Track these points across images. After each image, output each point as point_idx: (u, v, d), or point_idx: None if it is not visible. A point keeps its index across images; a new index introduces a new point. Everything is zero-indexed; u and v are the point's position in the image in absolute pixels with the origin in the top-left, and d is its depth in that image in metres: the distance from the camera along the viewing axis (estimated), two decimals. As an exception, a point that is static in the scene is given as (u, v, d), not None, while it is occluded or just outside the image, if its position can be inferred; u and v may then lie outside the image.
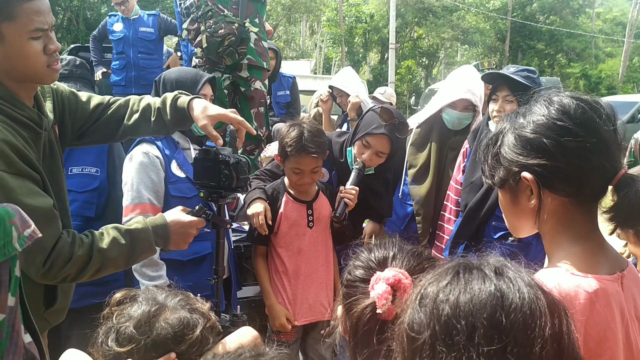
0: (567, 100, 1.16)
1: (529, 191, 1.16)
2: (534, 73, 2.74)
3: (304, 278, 2.72)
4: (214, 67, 3.85)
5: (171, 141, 2.57)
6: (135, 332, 1.21)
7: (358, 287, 1.14)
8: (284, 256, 2.72)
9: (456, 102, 3.09)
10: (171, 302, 1.29)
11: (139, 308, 1.27)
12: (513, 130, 1.19)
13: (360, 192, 2.80)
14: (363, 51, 37.27)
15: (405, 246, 1.20)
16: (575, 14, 36.88)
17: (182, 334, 1.23)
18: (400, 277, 1.07)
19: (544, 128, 1.14)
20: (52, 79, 1.67)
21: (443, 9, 33.42)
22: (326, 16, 35.35)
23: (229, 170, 1.99)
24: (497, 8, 34.42)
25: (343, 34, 33.86)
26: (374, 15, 35.08)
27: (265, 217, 2.62)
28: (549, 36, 35.31)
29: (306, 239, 2.70)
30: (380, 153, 2.71)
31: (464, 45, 36.97)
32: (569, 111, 1.14)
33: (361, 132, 2.72)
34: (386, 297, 1.04)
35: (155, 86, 2.63)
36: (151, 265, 2.42)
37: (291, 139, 2.57)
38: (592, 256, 1.13)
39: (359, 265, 1.18)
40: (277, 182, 2.83)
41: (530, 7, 36.20)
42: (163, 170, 2.47)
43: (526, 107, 1.21)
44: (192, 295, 1.35)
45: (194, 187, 2.51)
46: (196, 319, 1.26)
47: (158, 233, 1.79)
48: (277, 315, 2.66)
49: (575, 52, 35.97)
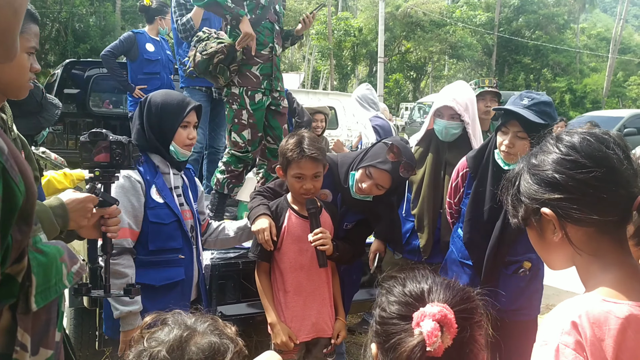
0: (575, 137, 1.23)
1: (552, 226, 1.20)
2: (550, 106, 2.58)
3: (307, 295, 2.72)
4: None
5: (152, 165, 2.52)
6: (169, 357, 1.21)
7: (397, 324, 1.12)
8: (286, 272, 2.72)
9: (442, 111, 3.13)
10: (201, 327, 1.28)
11: (171, 332, 1.26)
12: (528, 170, 1.26)
13: (360, 213, 2.83)
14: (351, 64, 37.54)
15: (437, 278, 1.20)
16: (560, 30, 37.52)
17: (212, 359, 1.24)
18: (446, 313, 1.07)
19: (555, 164, 1.21)
20: (24, 94, 1.75)
21: (431, 24, 33.80)
22: (315, 29, 35.57)
23: (122, 149, 2.03)
24: (484, 23, 34.91)
25: (332, 47, 34.11)
26: (363, 28, 35.39)
27: (271, 232, 2.63)
28: (535, 51, 35.89)
29: (309, 255, 2.70)
30: (380, 187, 2.71)
31: (451, 59, 37.38)
32: (576, 145, 1.21)
33: (367, 161, 2.72)
34: (436, 334, 1.04)
35: (139, 107, 2.58)
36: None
37: (291, 144, 2.60)
38: (625, 283, 1.15)
39: (394, 301, 1.16)
40: (280, 198, 2.83)
41: (517, 22, 36.81)
42: (143, 195, 2.44)
43: (538, 147, 1.29)
44: (220, 320, 1.35)
45: (172, 213, 2.48)
46: (226, 343, 1.26)
47: (57, 212, 1.76)
48: (280, 334, 2.65)
49: (561, 66, 36.55)
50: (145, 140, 2.49)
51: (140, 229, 2.41)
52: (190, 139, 2.53)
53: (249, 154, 3.82)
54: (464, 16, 34.86)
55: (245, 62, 3.75)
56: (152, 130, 2.48)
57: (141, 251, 2.42)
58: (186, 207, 2.58)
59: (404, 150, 2.70)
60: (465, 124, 3.12)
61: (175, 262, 2.49)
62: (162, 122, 2.48)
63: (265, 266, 2.78)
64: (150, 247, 2.43)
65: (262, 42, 3.78)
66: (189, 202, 2.62)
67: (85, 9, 31.04)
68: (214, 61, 3.66)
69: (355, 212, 2.94)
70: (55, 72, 6.41)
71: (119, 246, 2.30)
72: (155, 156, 2.52)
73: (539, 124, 2.50)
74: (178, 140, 2.50)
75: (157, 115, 2.48)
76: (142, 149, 2.48)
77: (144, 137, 2.49)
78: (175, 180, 2.57)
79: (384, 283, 1.23)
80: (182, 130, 2.51)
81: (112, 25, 31.94)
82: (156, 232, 2.43)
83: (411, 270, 1.23)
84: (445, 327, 1.06)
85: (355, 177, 2.75)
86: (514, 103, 2.64)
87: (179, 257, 2.50)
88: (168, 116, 2.48)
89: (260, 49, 3.78)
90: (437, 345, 1.03)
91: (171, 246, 2.47)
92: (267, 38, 3.80)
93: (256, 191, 2.96)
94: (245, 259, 3.20)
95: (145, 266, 2.42)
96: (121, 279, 2.31)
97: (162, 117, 2.48)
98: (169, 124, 2.48)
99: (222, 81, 3.76)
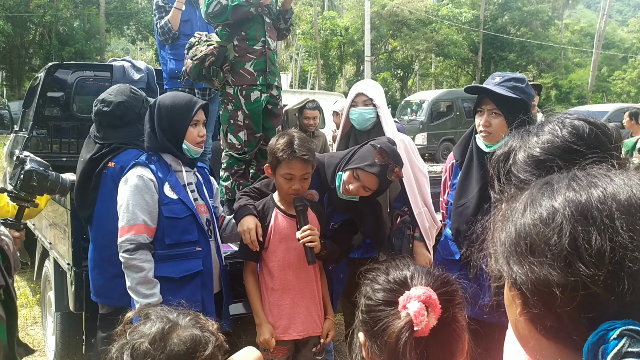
0: (578, 122, 1.17)
1: None
2: (522, 82, 2.57)
3: (295, 293, 2.72)
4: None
5: (164, 164, 2.65)
6: (151, 348, 1.24)
7: (383, 310, 1.14)
8: (274, 271, 2.72)
9: (356, 100, 3.24)
10: (183, 321, 1.32)
11: (153, 325, 1.29)
12: (525, 149, 1.18)
13: (346, 213, 2.86)
14: (339, 64, 37.57)
15: (417, 266, 1.22)
16: (545, 26, 37.81)
17: (194, 351, 1.26)
18: (430, 294, 1.10)
19: (557, 150, 1.14)
20: None
21: (417, 22, 33.91)
22: (301, 29, 35.57)
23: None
24: (470, 20, 35.09)
25: (318, 46, 34.13)
26: (349, 28, 35.44)
27: (257, 233, 2.63)
28: (520, 48, 36.13)
29: (297, 253, 2.70)
30: (367, 189, 2.73)
31: (438, 57, 37.51)
32: (582, 134, 1.15)
33: (355, 163, 2.73)
34: (422, 313, 1.07)
35: (150, 111, 2.70)
36: (145, 284, 2.47)
37: (282, 144, 2.62)
38: None
39: (379, 289, 1.18)
40: (267, 198, 2.84)
41: (502, 19, 37.03)
42: (157, 192, 2.56)
43: (538, 126, 1.21)
44: (201, 315, 1.38)
45: (186, 208, 2.61)
46: (207, 337, 1.29)
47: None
48: (264, 332, 2.66)
49: (546, 63, 36.82)
50: (156, 141, 2.66)
51: (156, 225, 2.55)
52: (200, 137, 2.70)
53: (246, 155, 3.80)
54: (449, 14, 35.01)
55: (239, 60, 3.69)
56: (164, 132, 2.63)
57: (158, 246, 2.56)
58: (201, 202, 2.73)
59: (392, 152, 2.71)
60: (377, 108, 3.20)
61: (193, 255, 2.63)
62: (172, 122, 2.64)
63: (253, 266, 2.78)
64: (167, 242, 2.57)
65: (254, 37, 3.71)
66: (203, 197, 2.76)
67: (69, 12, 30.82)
68: (205, 64, 3.64)
69: (341, 212, 2.95)
70: (39, 75, 6.34)
71: (135, 242, 2.47)
72: (167, 156, 2.68)
73: (512, 99, 2.49)
74: (190, 139, 2.67)
75: (168, 116, 2.64)
76: (155, 150, 2.66)
77: (155, 139, 2.66)
78: (189, 177, 2.73)
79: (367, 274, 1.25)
80: (193, 129, 2.67)
81: (97, 28, 31.75)
82: (171, 227, 2.57)
83: (392, 260, 1.25)
84: (430, 308, 1.09)
85: (343, 179, 2.75)
86: (486, 83, 2.65)
87: (195, 250, 2.64)
88: (178, 117, 2.64)
89: (252, 44, 3.71)
90: (424, 324, 1.07)
91: (187, 239, 2.62)
92: (258, 32, 3.72)
93: (242, 191, 2.96)
94: (232, 259, 3.20)
95: (163, 260, 2.56)
96: (139, 273, 2.47)
97: (172, 118, 2.63)
98: (180, 124, 2.64)
99: (217, 83, 3.74)
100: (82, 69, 6.23)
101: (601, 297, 0.67)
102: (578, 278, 0.67)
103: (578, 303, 0.68)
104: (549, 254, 0.71)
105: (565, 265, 0.69)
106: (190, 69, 3.68)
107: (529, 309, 0.75)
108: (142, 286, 2.47)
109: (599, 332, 0.66)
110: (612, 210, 0.69)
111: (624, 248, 0.67)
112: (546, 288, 0.70)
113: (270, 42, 3.78)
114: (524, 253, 0.74)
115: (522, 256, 0.74)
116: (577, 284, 0.67)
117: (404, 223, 3.19)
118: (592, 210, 0.70)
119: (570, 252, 0.69)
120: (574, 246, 0.69)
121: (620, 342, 0.64)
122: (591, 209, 0.71)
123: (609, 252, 0.67)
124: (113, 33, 36.84)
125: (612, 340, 0.64)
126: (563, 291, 0.68)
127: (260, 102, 3.72)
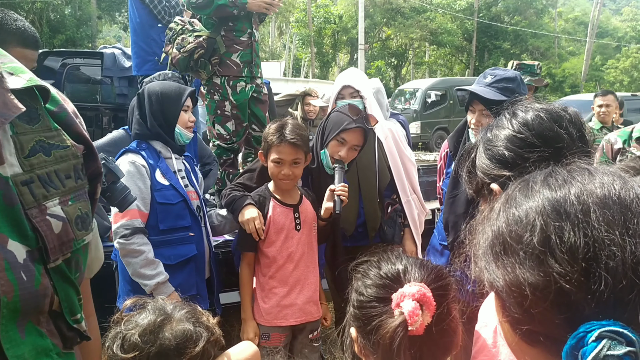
0: (530, 113, 1.21)
1: None
2: (513, 81, 2.57)
3: (294, 280, 2.72)
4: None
5: (153, 151, 2.66)
6: (140, 341, 1.23)
7: (376, 307, 1.11)
8: (273, 261, 2.72)
9: (343, 93, 3.23)
10: (178, 314, 1.31)
11: (146, 317, 1.29)
12: (483, 143, 1.25)
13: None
14: (332, 52, 37.43)
15: (410, 258, 1.19)
16: (539, 15, 37.76)
17: (184, 347, 1.25)
18: (424, 292, 1.07)
19: (506, 141, 1.20)
20: None
21: (411, 10, 33.80)
22: (295, 17, 35.38)
23: None
24: (464, 9, 35.00)
25: (312, 34, 33.94)
26: (343, 16, 35.28)
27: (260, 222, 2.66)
28: (514, 36, 36.08)
29: (294, 242, 2.72)
30: (355, 147, 2.84)
31: (432, 46, 37.42)
32: (528, 123, 1.19)
33: (333, 131, 2.81)
34: (417, 313, 1.04)
35: (138, 99, 2.72)
36: (148, 265, 2.48)
37: (272, 129, 2.67)
38: None
39: (371, 284, 1.15)
40: (262, 188, 2.82)
41: (496, 7, 36.93)
42: (149, 178, 2.57)
43: (495, 121, 1.28)
44: (200, 309, 1.37)
45: (178, 194, 2.63)
46: (200, 332, 1.28)
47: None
48: (248, 331, 2.68)
49: (540, 51, 36.77)
50: (146, 128, 2.68)
51: (149, 211, 2.56)
52: (191, 121, 2.75)
53: (235, 144, 3.86)
54: (443, 2, 34.91)
55: (226, 51, 3.74)
56: (155, 118, 2.66)
57: (153, 233, 2.57)
58: (191, 189, 2.76)
59: (358, 104, 2.97)
60: (363, 99, 3.20)
61: (187, 240, 2.67)
62: (164, 108, 2.67)
63: (250, 257, 2.77)
64: (161, 227, 2.59)
65: (241, 29, 3.77)
66: (192, 184, 2.79)
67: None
68: (194, 57, 3.67)
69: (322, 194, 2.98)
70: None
71: (130, 226, 2.48)
72: (156, 143, 2.70)
73: (501, 101, 2.49)
74: (181, 123, 2.71)
75: (159, 103, 2.67)
76: (144, 137, 2.68)
77: (145, 126, 2.68)
78: (178, 164, 2.75)
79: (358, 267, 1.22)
80: (184, 114, 2.72)
81: (88, 15, 31.36)
82: (165, 212, 2.59)
83: (384, 252, 1.23)
84: (425, 306, 1.07)
85: (328, 152, 2.82)
86: (477, 82, 2.68)
87: (189, 235, 2.67)
88: (170, 102, 2.68)
89: (239, 35, 3.77)
90: (418, 324, 1.05)
91: (180, 225, 2.64)
92: (245, 24, 3.80)
93: (229, 188, 2.94)
94: (224, 248, 3.18)
95: (158, 246, 2.57)
96: (140, 256, 2.48)
97: (163, 104, 2.67)
98: (172, 110, 2.68)
99: (205, 75, 3.77)
100: (72, 57, 6.17)
101: (576, 296, 0.63)
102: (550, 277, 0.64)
103: (552, 303, 0.64)
104: (522, 252, 0.68)
105: (538, 263, 0.66)
106: (177, 60, 3.69)
107: (508, 312, 0.71)
108: (146, 268, 2.47)
109: (577, 335, 0.62)
110: (588, 205, 0.67)
111: (600, 243, 0.63)
112: (519, 289, 0.67)
113: (255, 33, 3.87)
114: (499, 254, 0.71)
115: (497, 257, 0.72)
116: (549, 282, 0.64)
117: (396, 212, 3.22)
118: (566, 205, 0.68)
119: (542, 249, 0.66)
120: (546, 243, 0.66)
121: (599, 344, 0.60)
122: (565, 204, 0.68)
123: (582, 247, 0.63)
124: (105, 20, 36.47)
125: (590, 343, 0.61)
126: (534, 291, 0.65)
127: (245, 92, 3.82)
